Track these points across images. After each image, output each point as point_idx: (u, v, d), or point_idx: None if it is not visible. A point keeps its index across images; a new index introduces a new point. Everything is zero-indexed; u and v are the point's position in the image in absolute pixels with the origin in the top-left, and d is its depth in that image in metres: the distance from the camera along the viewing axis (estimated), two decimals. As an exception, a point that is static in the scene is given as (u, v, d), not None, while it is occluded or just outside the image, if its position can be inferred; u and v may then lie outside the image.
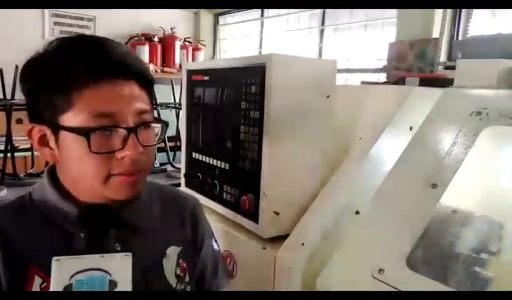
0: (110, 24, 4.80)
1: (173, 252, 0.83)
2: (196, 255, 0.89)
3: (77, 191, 0.73)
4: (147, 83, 0.73)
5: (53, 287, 0.56)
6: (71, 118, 0.66)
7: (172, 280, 0.81)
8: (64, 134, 0.67)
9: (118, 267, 0.58)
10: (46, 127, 0.69)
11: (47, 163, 0.83)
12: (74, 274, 0.56)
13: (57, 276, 0.56)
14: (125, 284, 0.58)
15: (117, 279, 0.57)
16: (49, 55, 0.69)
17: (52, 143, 0.70)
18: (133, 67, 0.70)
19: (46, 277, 0.65)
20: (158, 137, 0.76)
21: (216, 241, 0.98)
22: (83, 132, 0.65)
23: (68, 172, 0.72)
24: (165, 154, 3.00)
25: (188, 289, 0.86)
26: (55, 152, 0.70)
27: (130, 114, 0.68)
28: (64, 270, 0.56)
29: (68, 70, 0.66)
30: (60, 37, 0.71)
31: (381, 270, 0.81)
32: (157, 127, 0.75)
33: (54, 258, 0.57)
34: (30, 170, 2.27)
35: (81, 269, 0.56)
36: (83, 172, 0.69)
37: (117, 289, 0.58)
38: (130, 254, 0.59)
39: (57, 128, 0.68)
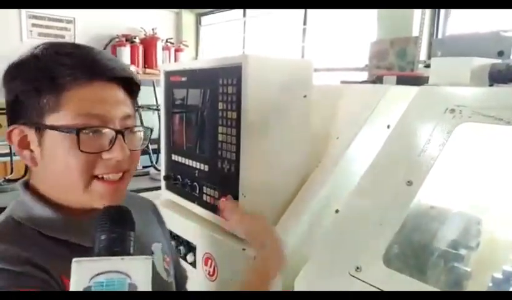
0: (90, 25, 4.74)
1: (157, 248, 0.87)
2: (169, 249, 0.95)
3: (58, 198, 0.72)
4: (133, 89, 0.76)
5: (72, 289, 0.56)
6: (59, 118, 0.66)
7: (164, 275, 0.85)
8: (49, 134, 0.67)
9: (139, 270, 0.57)
10: (28, 128, 0.69)
11: (26, 169, 0.83)
12: (94, 276, 0.55)
13: (77, 278, 0.55)
14: (145, 287, 0.57)
15: (136, 282, 0.56)
16: (38, 56, 0.69)
17: (33, 145, 0.69)
18: (122, 72, 0.72)
19: None
20: (142, 142, 0.77)
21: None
22: (73, 130, 0.65)
23: (49, 177, 0.71)
24: (147, 156, 2.98)
25: (173, 281, 0.91)
26: (35, 155, 0.70)
27: (117, 117, 0.70)
28: (83, 272, 0.55)
29: (59, 71, 0.67)
30: (46, 42, 0.72)
31: (358, 268, 0.82)
32: (140, 132, 0.77)
33: (74, 259, 0.56)
34: (9, 176, 2.23)
35: (101, 271, 0.55)
36: (67, 172, 0.68)
37: None
38: (150, 257, 0.59)
39: (43, 128, 0.67)
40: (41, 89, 0.67)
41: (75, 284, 0.55)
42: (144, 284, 0.57)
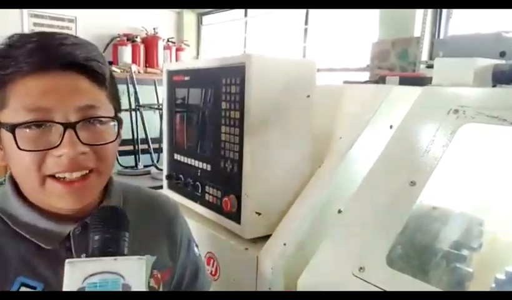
0: (92, 24, 4.74)
1: (147, 262, 0.77)
2: (174, 263, 0.85)
3: (32, 199, 0.69)
4: (95, 76, 0.66)
5: (65, 290, 0.55)
6: (8, 114, 0.62)
7: None
8: (2, 132, 0.64)
9: (132, 271, 0.57)
10: None
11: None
12: (87, 277, 0.55)
13: (70, 279, 0.55)
14: (138, 288, 0.57)
15: (130, 283, 0.56)
16: None
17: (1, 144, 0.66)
18: (73, 57, 0.63)
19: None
20: (113, 135, 0.69)
21: (197, 246, 0.94)
22: (9, 127, 0.61)
23: (15, 176, 0.68)
24: (149, 155, 2.98)
25: None
26: (2, 153, 0.66)
27: (69, 109, 0.62)
28: (77, 273, 0.55)
29: (4, 62, 0.62)
30: (12, 34, 0.66)
31: (361, 269, 0.82)
32: (109, 124, 0.68)
33: (67, 261, 0.55)
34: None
35: (94, 271, 0.55)
36: (21, 172, 0.65)
37: None
38: (144, 257, 0.58)
39: None
40: None
41: (69, 285, 0.55)
42: (138, 284, 0.56)
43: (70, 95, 0.63)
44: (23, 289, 0.64)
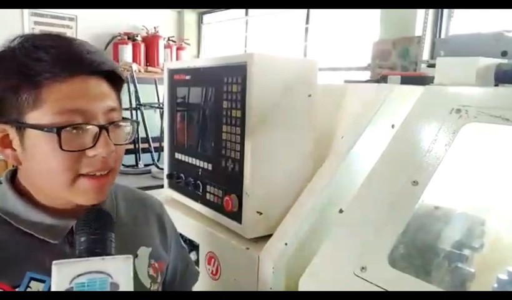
0: (92, 23, 4.74)
1: (144, 252, 0.83)
2: (166, 255, 0.90)
3: (39, 196, 0.71)
4: (117, 82, 0.73)
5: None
6: (39, 115, 0.64)
7: (146, 281, 0.81)
8: (30, 133, 0.65)
9: (120, 269, 0.57)
10: (9, 127, 0.66)
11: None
12: (75, 278, 0.55)
13: (57, 280, 0.55)
14: (127, 286, 0.57)
15: (118, 281, 0.57)
16: (14, 51, 0.65)
17: (15, 144, 0.67)
18: (104, 64, 0.69)
19: (10, 289, 0.64)
20: (130, 136, 0.75)
21: (180, 238, 1.02)
22: (54, 129, 0.63)
23: (32, 175, 0.70)
24: (149, 154, 2.97)
25: (160, 289, 0.87)
26: (18, 154, 0.68)
27: (100, 111, 0.67)
28: (64, 274, 0.55)
29: (37, 67, 0.63)
30: (23, 34, 0.68)
31: (363, 268, 0.81)
32: (127, 126, 0.74)
33: (54, 262, 0.56)
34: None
35: (82, 272, 0.56)
36: (49, 173, 0.66)
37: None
38: (131, 256, 0.59)
39: (23, 127, 0.65)
40: (19, 86, 0.64)
41: (56, 286, 0.55)
42: (126, 283, 0.57)
43: (99, 98, 0.68)
44: (33, 283, 0.65)
